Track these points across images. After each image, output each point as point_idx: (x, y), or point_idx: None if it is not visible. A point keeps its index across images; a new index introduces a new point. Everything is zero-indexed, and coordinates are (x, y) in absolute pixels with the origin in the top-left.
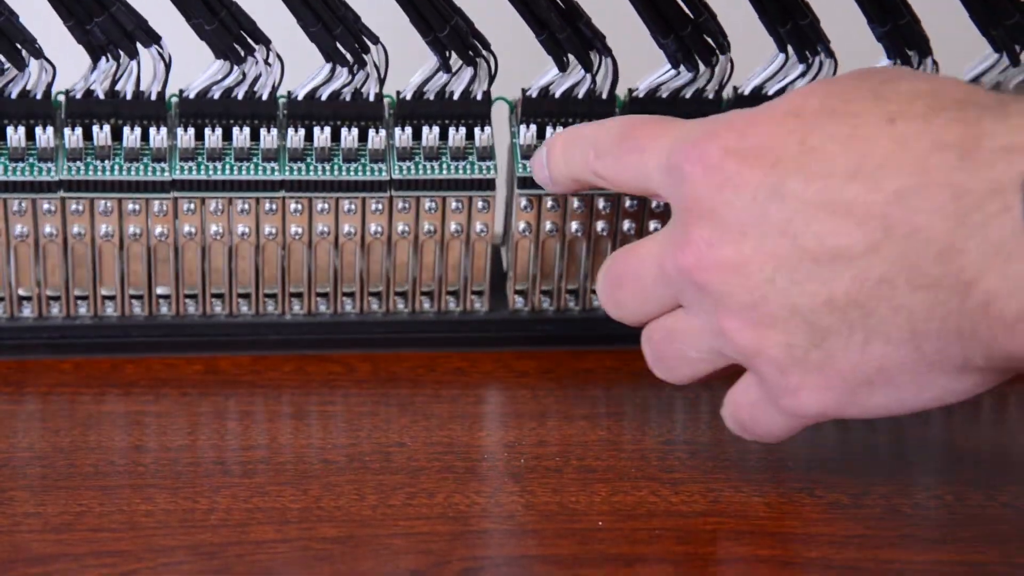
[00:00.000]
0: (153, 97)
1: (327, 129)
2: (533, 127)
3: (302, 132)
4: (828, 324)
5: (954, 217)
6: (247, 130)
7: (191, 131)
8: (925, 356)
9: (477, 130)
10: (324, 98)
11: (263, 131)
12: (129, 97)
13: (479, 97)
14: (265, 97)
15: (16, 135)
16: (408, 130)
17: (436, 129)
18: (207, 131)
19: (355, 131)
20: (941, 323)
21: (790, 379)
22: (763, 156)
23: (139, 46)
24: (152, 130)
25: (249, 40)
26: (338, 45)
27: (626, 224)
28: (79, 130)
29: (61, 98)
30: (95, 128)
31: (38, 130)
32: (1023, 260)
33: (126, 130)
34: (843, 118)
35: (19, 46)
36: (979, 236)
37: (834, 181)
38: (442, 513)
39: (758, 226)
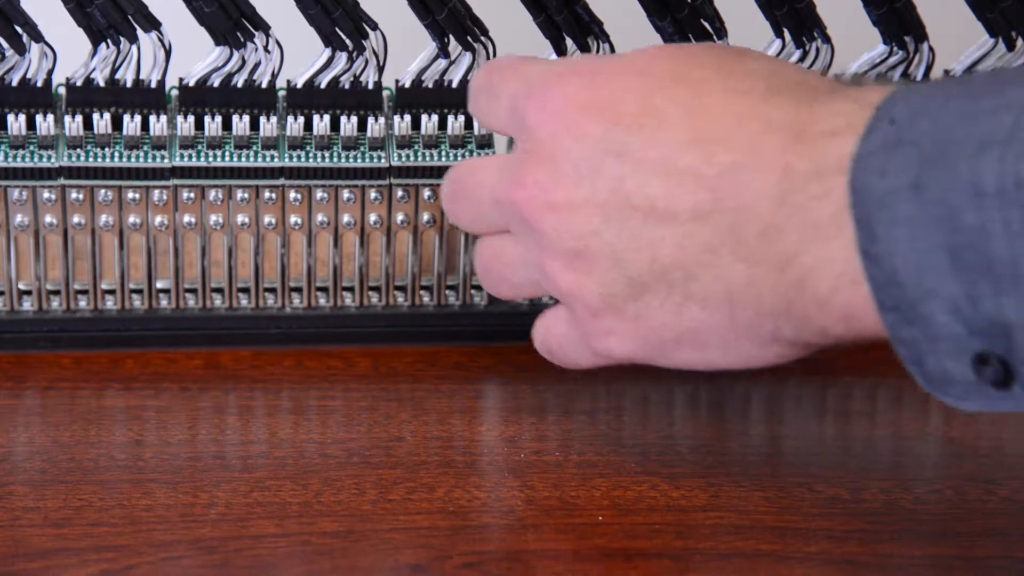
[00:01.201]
0: (153, 85)
1: (326, 117)
2: None
3: (301, 120)
4: (648, 281)
5: (779, 197)
6: (247, 118)
7: (191, 119)
8: (737, 325)
9: None
10: (323, 86)
11: (263, 119)
12: (129, 85)
13: None
14: (264, 84)
15: (16, 123)
16: (407, 118)
17: (435, 117)
18: (207, 119)
19: (354, 119)
20: (758, 297)
21: (602, 323)
22: (606, 110)
23: (139, 32)
24: (152, 118)
25: (248, 26)
26: (337, 29)
27: None
28: (79, 118)
29: (62, 91)
30: (95, 116)
31: (38, 118)
32: (839, 241)
33: (126, 118)
34: (688, 85)
35: (19, 29)
36: (800, 216)
37: (672, 146)
38: (442, 508)
39: (592, 178)
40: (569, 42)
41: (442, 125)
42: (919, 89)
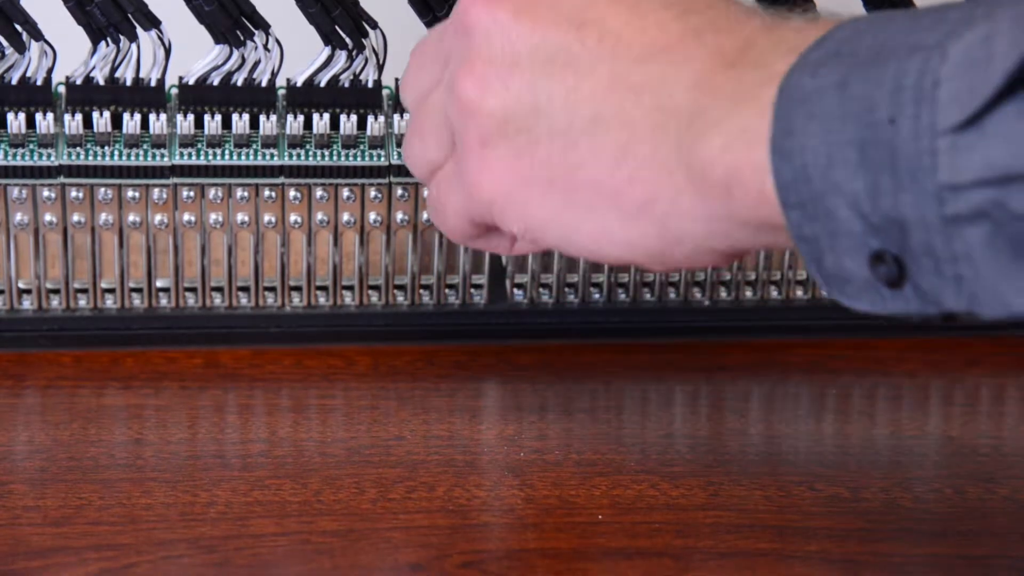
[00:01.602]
0: (153, 83)
1: (326, 116)
2: None
3: (301, 119)
4: (552, 113)
5: (711, 80)
6: (246, 117)
7: (191, 118)
8: (615, 180)
9: None
10: (323, 84)
11: (262, 118)
12: (129, 83)
13: None
14: (264, 83)
15: (16, 121)
16: (407, 116)
17: None
18: (207, 118)
19: (354, 118)
20: (652, 150)
21: (485, 153)
22: None
23: (139, 30)
24: (152, 116)
25: (248, 24)
26: (336, 28)
27: None
28: (79, 116)
29: (61, 89)
30: (95, 115)
31: (38, 116)
32: (756, 131)
33: (126, 116)
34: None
35: (19, 28)
36: (726, 99)
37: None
38: (442, 507)
39: (551, 4)
40: None
41: None
42: (867, 15)
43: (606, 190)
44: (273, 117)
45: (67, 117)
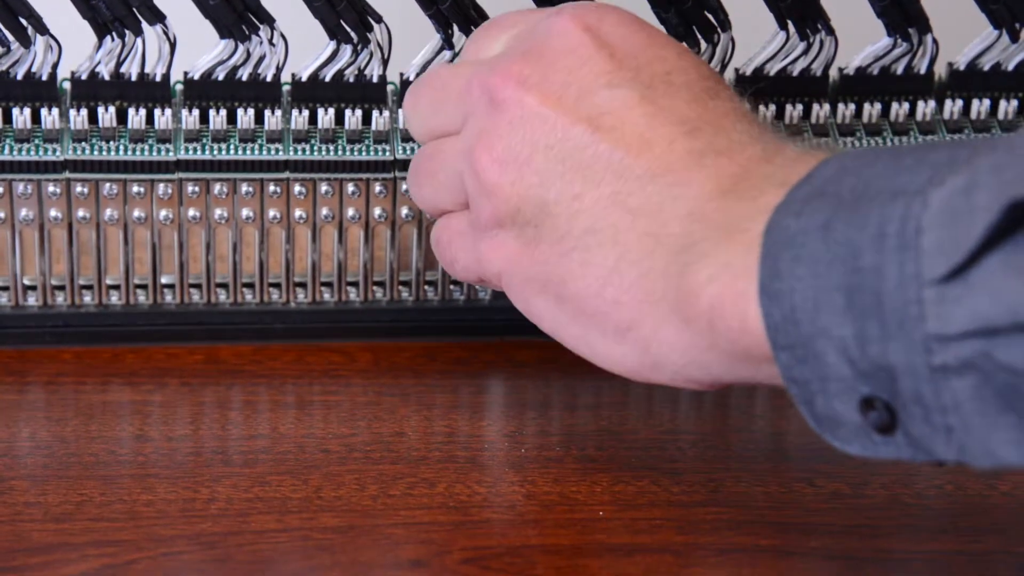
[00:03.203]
0: (158, 78)
1: (331, 111)
2: None
3: (306, 114)
4: (558, 216)
5: (705, 210)
6: (251, 112)
7: (196, 112)
8: (603, 296)
9: None
10: (328, 79)
11: (267, 112)
12: (134, 78)
13: None
14: (269, 78)
15: (21, 116)
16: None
17: None
18: (211, 112)
19: (359, 112)
20: (642, 274)
21: (498, 233)
22: (625, 60)
23: (144, 25)
24: (157, 111)
25: (253, 19)
26: (341, 22)
27: None
28: (84, 111)
29: (66, 85)
30: (100, 110)
31: (43, 111)
32: (744, 270)
33: (131, 111)
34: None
35: (24, 22)
36: (717, 232)
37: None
38: (443, 503)
39: (577, 99)
40: None
41: None
42: (852, 152)
43: (591, 308)
44: (278, 112)
45: (72, 112)
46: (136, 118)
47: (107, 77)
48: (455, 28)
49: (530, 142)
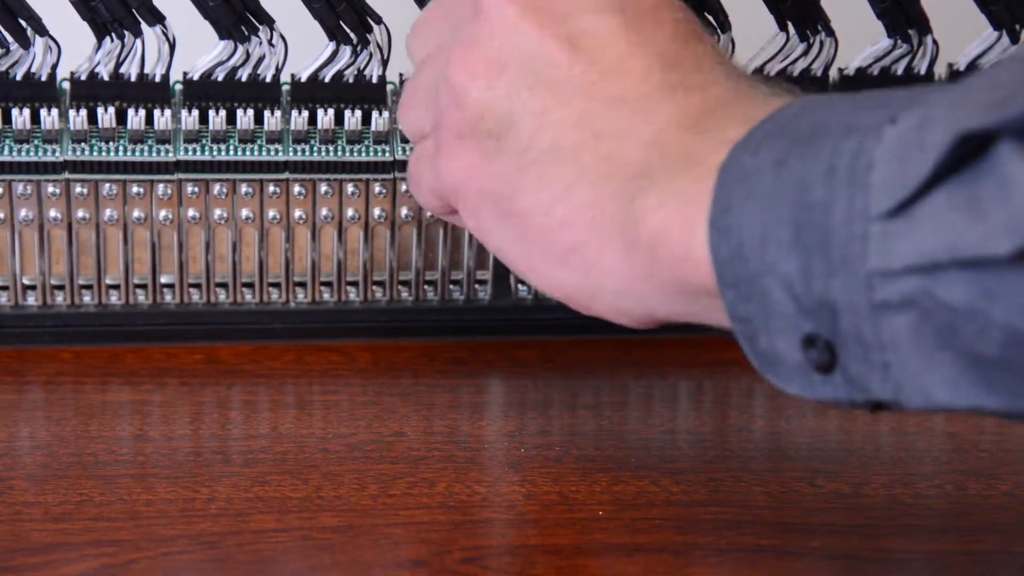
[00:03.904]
0: (157, 79)
1: (330, 111)
2: None
3: (305, 114)
4: (521, 129)
5: (666, 139)
6: (251, 112)
7: (195, 113)
8: (552, 216)
9: None
10: (327, 80)
11: (267, 113)
12: (133, 79)
13: None
14: (269, 78)
15: (21, 117)
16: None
17: None
18: (211, 113)
19: (359, 113)
20: (595, 195)
21: (458, 145)
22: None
23: (144, 26)
24: (156, 112)
25: (253, 20)
26: (341, 23)
27: None
28: (84, 112)
29: (66, 85)
30: (99, 110)
31: (43, 112)
32: (697, 206)
33: (130, 112)
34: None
35: (24, 23)
36: (672, 167)
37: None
38: (443, 503)
39: (562, 17)
40: None
41: None
42: (815, 95)
43: (539, 225)
44: (277, 113)
45: (71, 113)
46: (135, 119)
47: (106, 78)
48: None
49: (505, 52)
